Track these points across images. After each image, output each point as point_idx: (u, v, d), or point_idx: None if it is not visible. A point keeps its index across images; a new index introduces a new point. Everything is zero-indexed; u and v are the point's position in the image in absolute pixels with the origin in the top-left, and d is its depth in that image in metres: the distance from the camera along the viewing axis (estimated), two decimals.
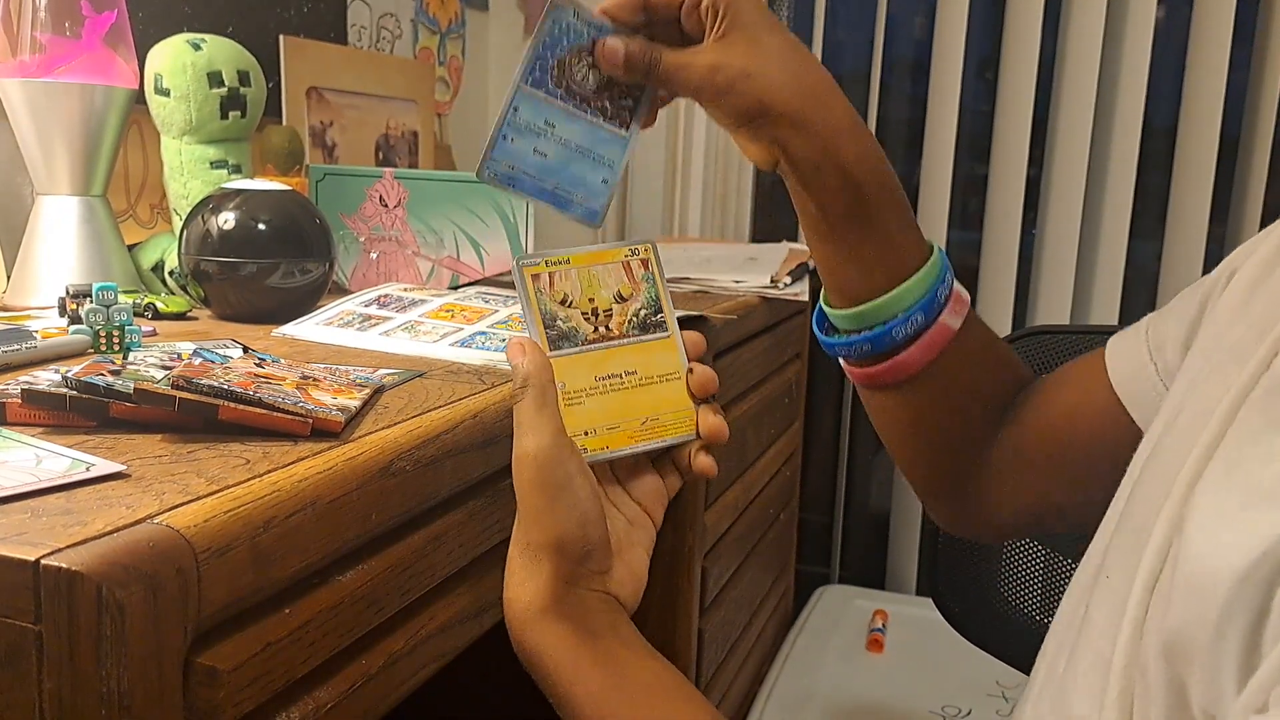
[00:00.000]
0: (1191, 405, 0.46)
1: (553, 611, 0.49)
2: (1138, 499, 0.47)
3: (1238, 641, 0.36)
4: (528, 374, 0.50)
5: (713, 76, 0.58)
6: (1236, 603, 0.36)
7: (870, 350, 0.64)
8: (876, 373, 0.65)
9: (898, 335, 0.63)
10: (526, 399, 0.50)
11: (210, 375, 0.54)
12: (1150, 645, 0.40)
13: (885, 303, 0.62)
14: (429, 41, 1.75)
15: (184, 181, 0.99)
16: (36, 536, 0.38)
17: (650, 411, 0.54)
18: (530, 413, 0.50)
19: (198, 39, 0.96)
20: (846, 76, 1.97)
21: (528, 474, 0.49)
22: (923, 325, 0.63)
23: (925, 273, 0.62)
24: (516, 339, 0.52)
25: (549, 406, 0.50)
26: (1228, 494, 0.40)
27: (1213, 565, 0.37)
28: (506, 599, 0.51)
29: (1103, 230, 1.80)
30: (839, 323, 0.66)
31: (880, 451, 2.06)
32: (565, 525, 0.49)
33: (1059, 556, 0.99)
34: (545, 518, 0.49)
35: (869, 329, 0.63)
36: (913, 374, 0.64)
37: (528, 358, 0.51)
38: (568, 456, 0.50)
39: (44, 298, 0.90)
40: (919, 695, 1.50)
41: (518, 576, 0.50)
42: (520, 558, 0.51)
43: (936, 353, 0.64)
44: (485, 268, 1.10)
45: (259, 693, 0.43)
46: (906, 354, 0.63)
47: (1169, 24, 1.77)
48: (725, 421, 0.55)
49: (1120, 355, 0.62)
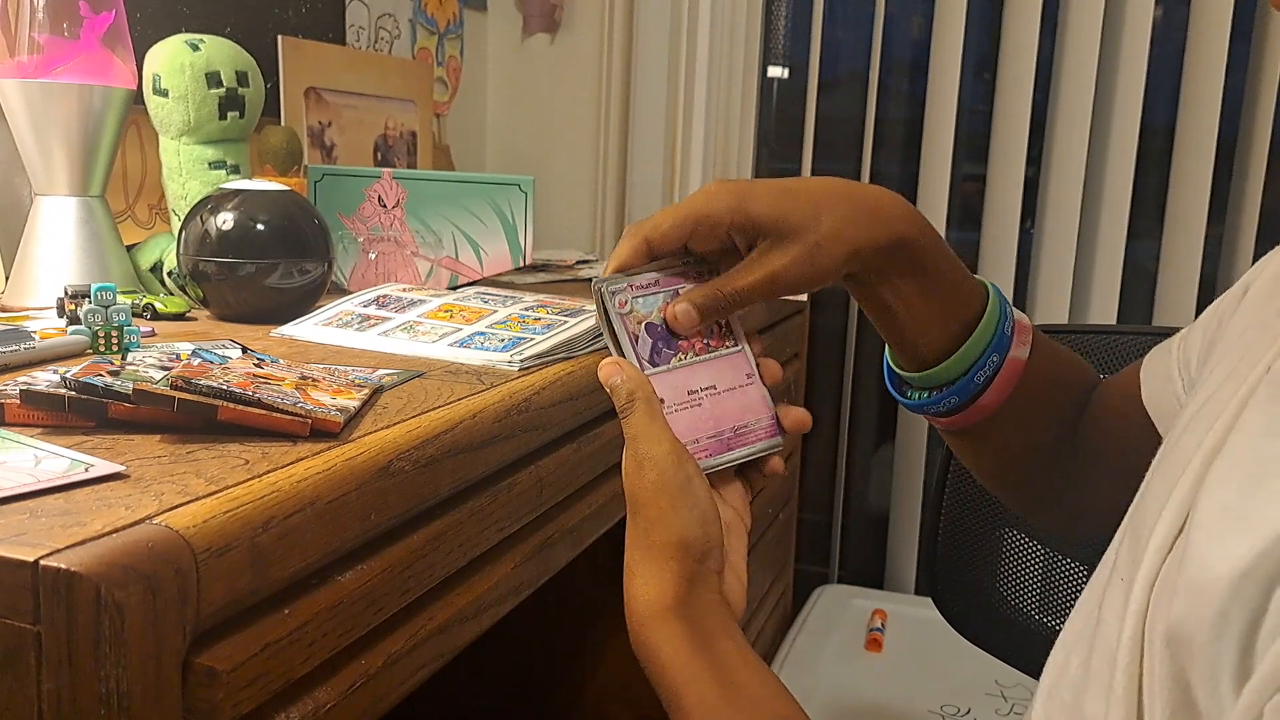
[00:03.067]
0: (1201, 412, 0.47)
1: (674, 611, 0.51)
2: (1145, 502, 0.48)
3: (1234, 640, 0.36)
4: (632, 389, 0.53)
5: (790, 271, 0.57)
6: (1234, 601, 0.36)
7: (957, 403, 0.65)
8: (962, 418, 0.66)
9: (979, 380, 0.64)
10: (637, 411, 0.53)
11: (209, 376, 0.54)
12: (1154, 641, 0.41)
13: (963, 354, 0.63)
14: (427, 42, 1.75)
15: (182, 182, 0.99)
16: (35, 537, 0.38)
17: (737, 420, 0.57)
18: (644, 423, 0.53)
19: (196, 39, 0.96)
20: (844, 76, 1.98)
21: (650, 478, 0.52)
22: (999, 365, 0.64)
23: (990, 313, 0.63)
24: (608, 360, 0.54)
25: (660, 416, 0.53)
26: (1231, 494, 0.40)
27: (1213, 563, 0.38)
28: (629, 597, 0.53)
29: (1101, 230, 1.80)
30: (919, 383, 0.66)
31: (879, 451, 2.06)
32: (688, 524, 0.52)
33: (1058, 556, 0.99)
34: (669, 518, 0.52)
35: (950, 383, 0.64)
36: (992, 414, 0.66)
37: (625, 374, 0.53)
38: (685, 460, 0.53)
39: (42, 298, 0.90)
40: (918, 694, 1.50)
41: (641, 577, 0.52)
42: (643, 560, 0.52)
43: (1013, 388, 0.65)
44: (484, 268, 1.10)
45: (258, 693, 0.43)
46: (985, 397, 0.64)
47: (1167, 24, 1.77)
48: (807, 411, 0.58)
49: (1152, 371, 0.64)
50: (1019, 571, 1.00)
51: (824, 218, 0.57)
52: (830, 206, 0.58)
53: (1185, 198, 1.74)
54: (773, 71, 2.01)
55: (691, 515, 0.52)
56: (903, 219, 0.59)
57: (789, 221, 0.56)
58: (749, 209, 0.56)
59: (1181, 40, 1.72)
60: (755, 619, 1.51)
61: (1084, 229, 1.80)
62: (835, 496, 2.03)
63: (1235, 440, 0.42)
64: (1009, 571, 1.00)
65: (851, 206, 0.58)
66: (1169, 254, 1.77)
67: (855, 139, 1.90)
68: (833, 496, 2.03)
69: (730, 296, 0.57)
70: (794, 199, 0.57)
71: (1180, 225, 1.75)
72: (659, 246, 0.58)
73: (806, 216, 0.57)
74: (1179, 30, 1.73)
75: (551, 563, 0.71)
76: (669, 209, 0.58)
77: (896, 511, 1.98)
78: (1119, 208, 1.77)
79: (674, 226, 0.57)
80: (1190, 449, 0.44)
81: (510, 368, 0.72)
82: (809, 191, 0.58)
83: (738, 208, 0.56)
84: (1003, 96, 1.79)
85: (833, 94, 1.96)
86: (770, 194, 0.57)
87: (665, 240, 0.57)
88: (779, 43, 2.00)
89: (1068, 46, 1.75)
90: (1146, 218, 1.81)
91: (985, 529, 1.03)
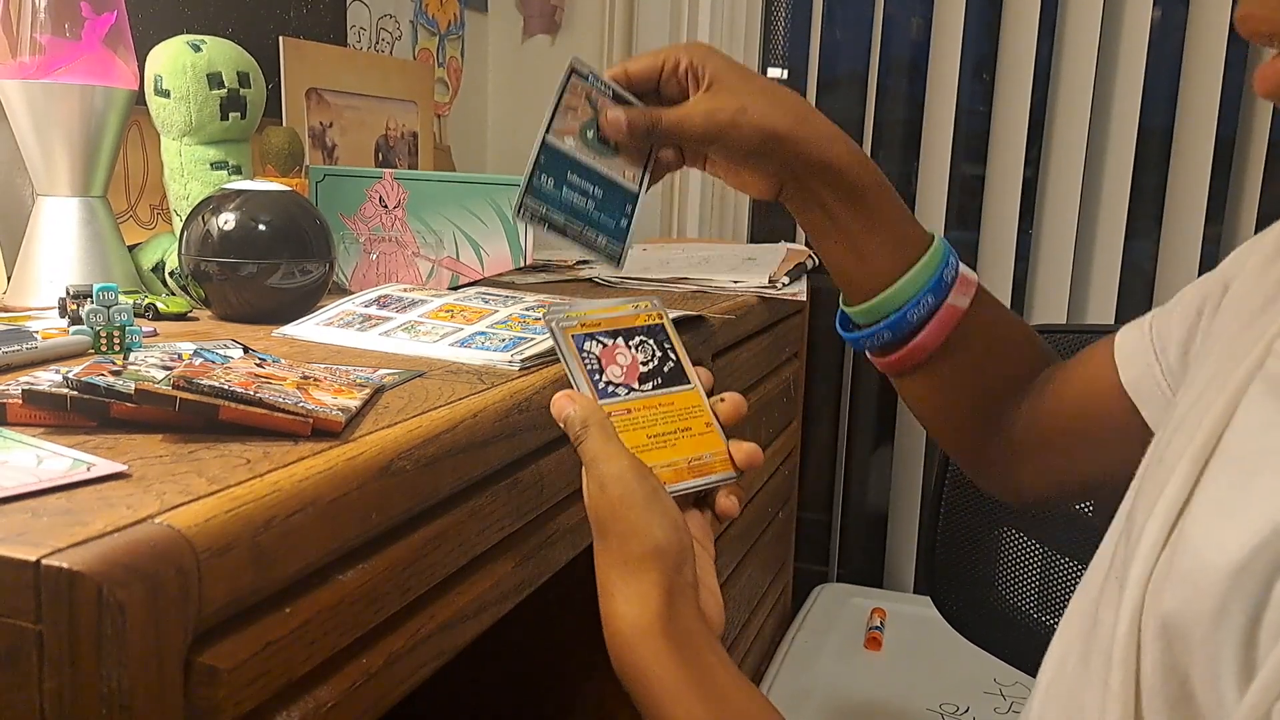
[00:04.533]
0: (1190, 411, 0.47)
1: (658, 629, 0.51)
2: (1138, 500, 0.48)
3: (1234, 633, 0.36)
4: (584, 416, 0.54)
5: (713, 118, 0.65)
6: (1233, 594, 0.36)
7: (890, 338, 0.69)
8: (899, 359, 0.70)
9: (912, 318, 0.68)
10: (591, 436, 0.54)
11: (211, 375, 0.54)
12: (1148, 635, 0.41)
13: (897, 290, 0.68)
14: (428, 43, 1.75)
15: (184, 182, 0.99)
16: (37, 536, 0.38)
17: (693, 453, 0.58)
18: (600, 444, 0.54)
19: (197, 40, 0.97)
20: (844, 77, 1.98)
21: (616, 493, 0.52)
22: (933, 307, 0.68)
23: (929, 257, 0.68)
24: (560, 394, 0.56)
25: (614, 438, 0.54)
26: (1226, 487, 0.41)
27: (1208, 555, 0.38)
28: (610, 618, 0.52)
29: (1099, 230, 1.80)
30: (858, 318, 0.71)
31: (878, 450, 2.07)
32: (662, 530, 0.52)
33: (1056, 555, 1.00)
34: (640, 528, 0.52)
35: (885, 317, 0.69)
36: (931, 353, 0.69)
37: (577, 404, 0.55)
38: (647, 473, 0.54)
39: (44, 298, 0.90)
40: (917, 693, 1.51)
41: (621, 595, 0.52)
42: (620, 578, 0.52)
43: (949, 331, 0.69)
44: (485, 268, 1.10)
45: (259, 692, 0.43)
46: (922, 336, 0.68)
47: (1165, 24, 1.77)
48: (759, 447, 0.60)
49: (1129, 355, 0.65)
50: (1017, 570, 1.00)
51: (762, 96, 0.66)
52: (778, 97, 0.67)
53: (1183, 198, 1.74)
54: (772, 72, 2.02)
55: (664, 521, 0.52)
56: (842, 153, 0.67)
57: (730, 82, 0.66)
58: (709, 58, 0.66)
59: (1180, 41, 1.73)
60: (754, 618, 1.51)
61: (1082, 229, 1.80)
62: (835, 495, 2.03)
63: (1231, 436, 0.43)
64: (1007, 570, 1.00)
65: (796, 111, 0.67)
66: (1167, 254, 1.77)
67: (854, 139, 1.90)
68: (832, 495, 2.03)
69: (654, 117, 0.66)
70: (753, 77, 0.68)
71: (1178, 225, 1.75)
72: (634, 73, 0.68)
73: (751, 89, 0.66)
74: (1177, 31, 1.73)
75: (552, 562, 0.71)
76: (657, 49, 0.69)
77: (896, 510, 1.98)
78: (1117, 208, 1.78)
79: (649, 56, 0.68)
80: (1181, 447, 0.45)
81: (511, 367, 0.72)
82: (773, 83, 0.68)
83: (702, 53, 0.67)
84: (1001, 97, 1.79)
85: (832, 95, 1.96)
86: (734, 63, 0.67)
87: (639, 66, 0.68)
88: (778, 43, 2.01)
89: (1066, 48, 1.75)
90: (1144, 218, 1.81)
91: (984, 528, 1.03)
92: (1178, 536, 0.41)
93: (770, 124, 0.65)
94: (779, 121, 0.65)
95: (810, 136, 0.66)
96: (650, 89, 0.69)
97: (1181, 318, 0.60)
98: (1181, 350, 0.60)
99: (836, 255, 0.70)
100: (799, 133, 0.66)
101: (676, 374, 0.60)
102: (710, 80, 0.66)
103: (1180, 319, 0.61)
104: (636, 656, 0.51)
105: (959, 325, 0.69)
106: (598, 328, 0.59)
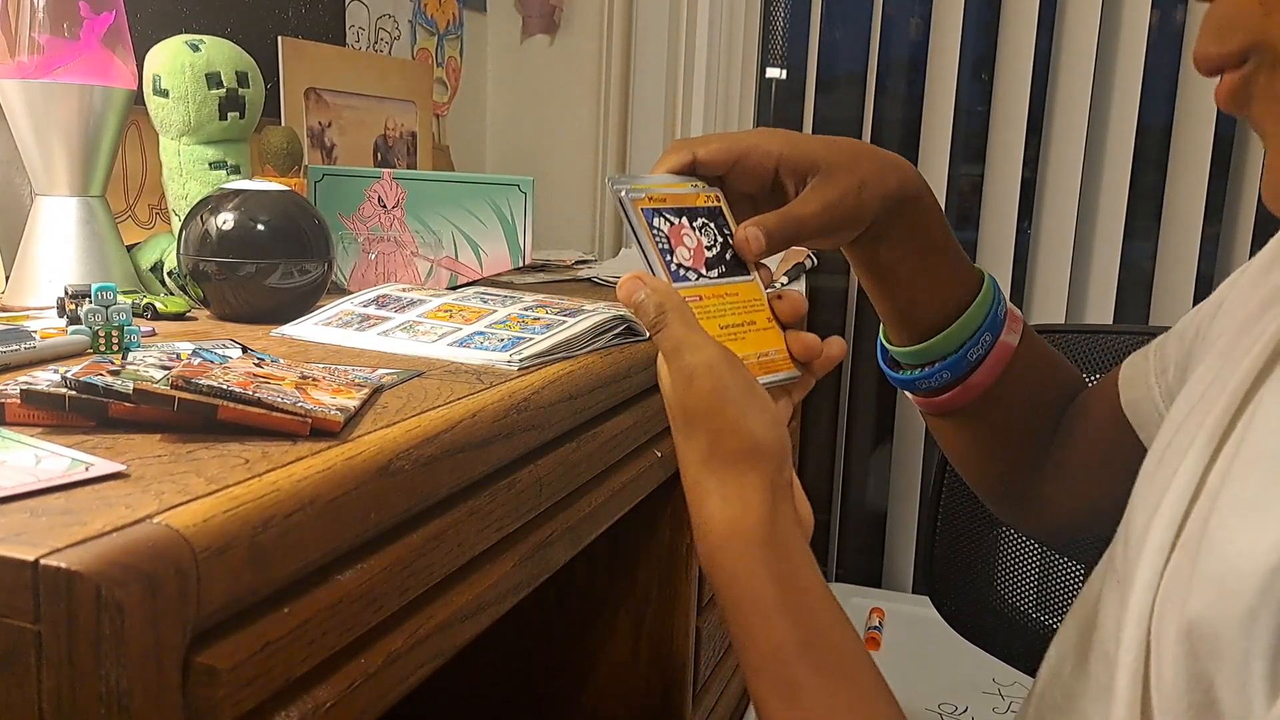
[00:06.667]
0: (1188, 419, 0.47)
1: (759, 537, 0.48)
2: (1137, 507, 0.48)
3: (1264, 640, 0.35)
4: (661, 301, 0.50)
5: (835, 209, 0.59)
6: (1264, 599, 0.36)
7: (950, 378, 0.66)
8: (950, 398, 0.67)
9: (972, 357, 0.65)
10: (672, 322, 0.49)
11: (209, 375, 0.54)
12: (1163, 641, 0.40)
13: (957, 328, 0.64)
14: (427, 43, 1.75)
15: (183, 182, 0.99)
16: (36, 536, 0.38)
17: (759, 349, 0.54)
18: (684, 332, 0.49)
19: (196, 40, 0.97)
20: (843, 77, 1.98)
21: (708, 385, 0.48)
22: (990, 345, 0.65)
23: (985, 293, 0.65)
24: (628, 276, 0.51)
25: (697, 325, 0.50)
26: (1251, 488, 0.40)
27: (1235, 559, 0.37)
28: (704, 519, 0.49)
29: (1098, 230, 1.80)
30: (912, 359, 0.67)
31: (877, 450, 2.07)
32: (762, 425, 0.48)
33: (1055, 555, 1.00)
34: (739, 425, 0.48)
35: (943, 358, 0.65)
36: (980, 395, 0.67)
37: (651, 286, 0.50)
38: (738, 363, 0.50)
39: (43, 298, 0.90)
40: (916, 693, 1.51)
41: (719, 493, 0.49)
42: (714, 476, 0.49)
43: (1000, 371, 0.66)
44: (483, 268, 1.10)
45: (258, 691, 0.43)
46: (975, 376, 0.66)
47: (1164, 24, 1.78)
48: (817, 338, 0.56)
49: (1130, 378, 0.65)
50: (1016, 570, 1.00)
51: (864, 162, 0.60)
52: (866, 155, 0.61)
53: (1182, 197, 1.74)
54: (771, 72, 2.02)
55: (764, 418, 0.49)
56: (916, 179, 0.62)
57: (839, 161, 0.59)
58: (803, 146, 0.59)
59: (1178, 40, 1.73)
60: None
61: (1081, 229, 1.80)
62: (833, 495, 2.03)
63: (1253, 437, 0.42)
64: (1006, 570, 1.01)
65: (879, 157, 0.61)
66: (1166, 254, 1.78)
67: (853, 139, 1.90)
68: (831, 495, 2.03)
69: (795, 222, 0.57)
70: (838, 145, 0.60)
71: (1177, 225, 1.75)
72: (703, 164, 0.58)
73: (851, 159, 0.60)
74: (1176, 30, 1.73)
75: (551, 562, 0.71)
76: (721, 134, 0.60)
77: (894, 510, 1.98)
78: (1116, 208, 1.78)
79: (723, 149, 0.58)
80: (1183, 448, 0.44)
81: (510, 367, 0.72)
82: (846, 141, 0.62)
83: (792, 143, 0.58)
84: (1000, 97, 1.79)
85: (831, 95, 1.97)
86: (818, 138, 0.60)
87: (711, 159, 0.58)
88: (777, 44, 2.01)
89: (1065, 47, 1.75)
90: (1143, 217, 1.82)
91: (983, 528, 1.03)
92: (1196, 538, 0.41)
93: (885, 188, 0.60)
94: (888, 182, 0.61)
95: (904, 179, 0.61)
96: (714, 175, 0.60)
97: (1180, 338, 0.61)
98: (1180, 370, 0.60)
99: (898, 297, 0.65)
100: (901, 182, 0.61)
101: (737, 263, 0.56)
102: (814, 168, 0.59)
103: (1179, 339, 0.61)
104: (731, 562, 0.48)
105: (1009, 364, 0.66)
106: (664, 203, 0.54)
